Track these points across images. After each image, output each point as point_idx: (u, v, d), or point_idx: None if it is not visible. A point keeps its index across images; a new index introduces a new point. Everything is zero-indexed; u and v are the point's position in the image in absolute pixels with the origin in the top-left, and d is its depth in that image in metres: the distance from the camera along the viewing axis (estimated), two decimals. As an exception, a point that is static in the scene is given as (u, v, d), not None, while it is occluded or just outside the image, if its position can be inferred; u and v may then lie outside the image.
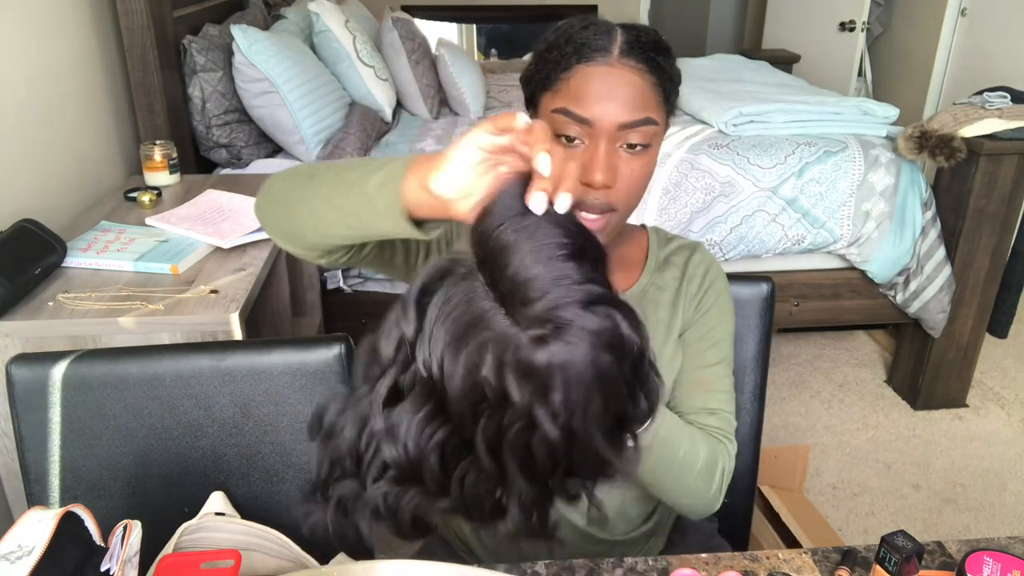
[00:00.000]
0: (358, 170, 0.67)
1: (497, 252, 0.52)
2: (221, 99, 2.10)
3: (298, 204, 0.73)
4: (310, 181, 0.72)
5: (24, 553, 0.60)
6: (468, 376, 0.49)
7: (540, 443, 0.50)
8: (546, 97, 0.83)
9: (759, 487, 1.70)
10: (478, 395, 0.50)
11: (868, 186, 2.16)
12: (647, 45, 0.81)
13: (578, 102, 0.79)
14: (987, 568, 0.70)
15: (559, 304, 0.49)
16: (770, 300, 1.10)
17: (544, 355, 0.48)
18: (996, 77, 2.99)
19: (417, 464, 0.51)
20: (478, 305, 0.51)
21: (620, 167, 0.81)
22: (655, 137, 0.83)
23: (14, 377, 0.89)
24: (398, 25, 2.63)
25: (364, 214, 0.66)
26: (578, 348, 0.48)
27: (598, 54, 0.79)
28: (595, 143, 0.80)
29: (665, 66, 0.82)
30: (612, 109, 0.78)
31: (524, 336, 0.49)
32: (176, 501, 0.92)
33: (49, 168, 1.64)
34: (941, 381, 2.38)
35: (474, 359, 0.49)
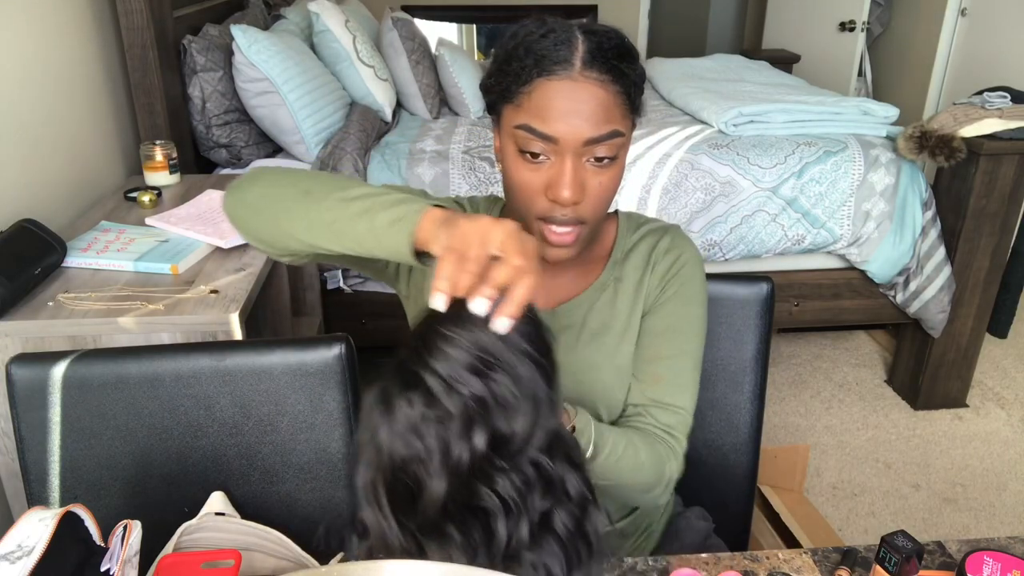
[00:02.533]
0: (362, 201, 0.70)
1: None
2: (221, 99, 2.10)
3: (290, 217, 0.74)
4: (306, 199, 0.74)
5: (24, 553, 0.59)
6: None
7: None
8: (508, 110, 0.81)
9: (759, 487, 1.70)
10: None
11: (868, 186, 2.16)
12: (610, 52, 0.78)
13: (541, 119, 0.77)
14: (987, 568, 0.70)
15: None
16: (770, 300, 1.10)
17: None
18: (996, 77, 2.99)
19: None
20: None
21: (588, 181, 0.79)
22: (622, 148, 0.81)
23: (14, 377, 0.89)
24: (398, 25, 2.63)
25: (367, 243, 0.69)
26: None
27: (559, 67, 0.77)
28: (561, 159, 0.78)
29: (629, 72, 0.79)
30: (577, 125, 0.76)
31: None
32: (176, 501, 0.92)
33: (49, 168, 1.64)
34: (941, 381, 2.38)
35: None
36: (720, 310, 1.09)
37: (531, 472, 0.56)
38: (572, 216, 0.80)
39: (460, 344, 0.55)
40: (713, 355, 1.11)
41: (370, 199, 0.70)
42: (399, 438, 0.55)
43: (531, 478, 0.56)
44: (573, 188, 0.78)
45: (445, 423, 0.54)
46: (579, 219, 0.81)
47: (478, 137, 2.32)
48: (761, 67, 3.21)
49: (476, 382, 0.55)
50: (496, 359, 0.56)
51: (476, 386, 0.55)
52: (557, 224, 0.81)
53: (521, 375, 0.56)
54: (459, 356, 0.55)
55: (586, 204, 0.80)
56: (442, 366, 0.55)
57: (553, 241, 0.82)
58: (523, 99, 0.78)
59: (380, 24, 2.80)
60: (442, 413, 0.54)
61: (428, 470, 0.54)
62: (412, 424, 0.55)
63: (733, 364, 1.11)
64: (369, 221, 0.69)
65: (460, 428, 0.54)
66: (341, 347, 0.94)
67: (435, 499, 0.54)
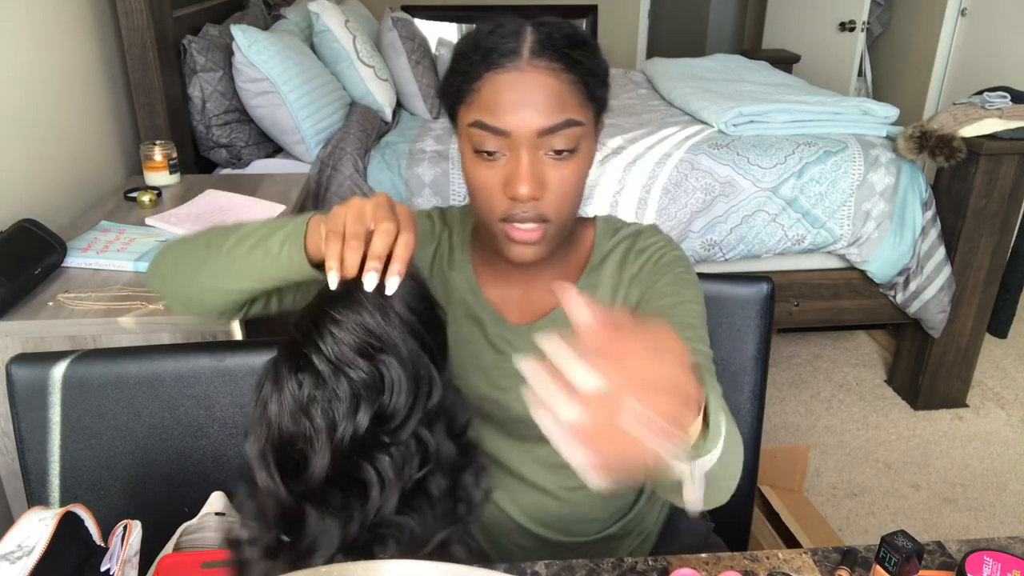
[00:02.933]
0: (255, 234, 0.75)
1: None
2: (221, 99, 2.10)
3: (198, 273, 0.79)
4: (207, 251, 0.78)
5: (24, 553, 0.60)
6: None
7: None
8: (461, 111, 0.79)
9: (759, 487, 1.70)
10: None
11: (868, 186, 2.16)
12: (560, 41, 0.76)
13: (491, 113, 0.75)
14: (987, 568, 0.70)
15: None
16: (770, 300, 1.10)
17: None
18: (996, 77, 2.99)
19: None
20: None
21: (547, 175, 0.77)
22: (582, 139, 0.78)
23: (14, 377, 0.89)
24: (398, 25, 2.63)
25: (269, 270, 0.73)
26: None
27: (506, 59, 0.75)
28: (516, 154, 0.76)
29: (584, 60, 0.77)
30: (528, 116, 0.74)
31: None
32: (176, 501, 0.92)
33: (49, 168, 1.64)
34: (941, 381, 2.38)
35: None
36: (720, 310, 1.09)
37: (412, 444, 0.61)
38: (533, 213, 0.78)
39: (347, 327, 0.59)
40: (713, 355, 1.11)
41: (261, 230, 0.75)
42: (288, 415, 0.59)
43: (410, 450, 0.61)
44: (530, 182, 0.75)
45: (332, 404, 0.58)
46: (542, 216, 0.78)
47: (478, 137, 2.31)
48: (761, 67, 3.21)
49: (363, 364, 0.59)
50: (381, 341, 0.60)
51: (363, 368, 0.59)
52: (518, 222, 0.78)
53: (404, 355, 0.60)
54: (346, 339, 0.59)
55: (548, 200, 0.78)
56: (331, 349, 0.59)
57: (516, 238, 0.79)
58: (474, 96, 0.77)
59: (380, 24, 2.80)
60: (329, 394, 0.58)
61: (314, 447, 0.58)
62: (301, 404, 0.59)
63: (733, 364, 1.11)
64: (264, 249, 0.73)
65: (346, 408, 0.58)
66: (341, 347, 0.94)
67: (319, 472, 0.58)
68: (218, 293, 0.79)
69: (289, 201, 1.70)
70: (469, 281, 0.91)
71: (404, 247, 0.62)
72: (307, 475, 0.58)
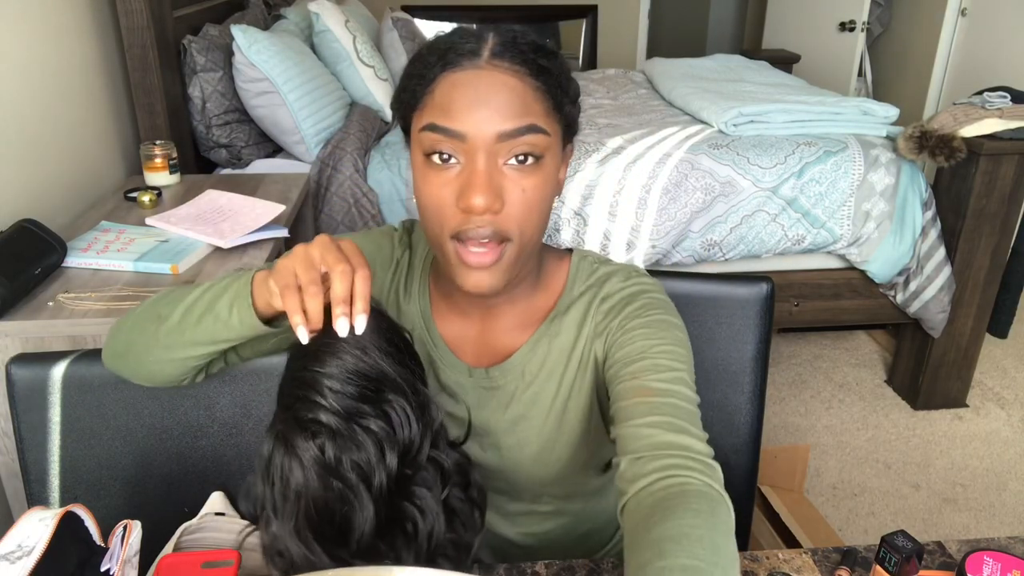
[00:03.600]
0: (200, 301, 0.73)
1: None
2: (221, 99, 2.10)
3: (151, 349, 0.76)
4: (158, 323, 0.75)
5: (24, 553, 0.59)
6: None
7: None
8: (414, 118, 0.71)
9: (759, 487, 1.70)
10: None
11: (868, 186, 2.16)
12: (524, 45, 0.69)
13: (445, 114, 0.67)
14: (987, 568, 0.70)
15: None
16: (770, 300, 1.10)
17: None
18: (996, 77, 2.99)
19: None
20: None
21: (507, 187, 0.68)
22: (547, 149, 0.69)
23: (14, 377, 0.89)
24: (398, 25, 2.63)
25: (222, 334, 0.72)
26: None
27: (464, 58, 0.68)
28: (471, 160, 0.67)
29: (552, 68, 0.70)
30: (485, 116, 0.66)
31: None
32: (176, 501, 0.92)
33: (49, 168, 1.64)
34: (941, 381, 2.38)
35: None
36: (720, 310, 1.09)
37: (429, 467, 0.61)
38: (490, 229, 0.68)
39: (340, 378, 0.59)
40: (713, 355, 1.11)
41: (207, 295, 0.72)
42: (318, 482, 0.57)
43: (431, 472, 0.61)
44: (487, 191, 0.66)
45: (359, 455, 0.57)
46: (500, 233, 0.69)
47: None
48: (761, 67, 3.21)
49: (369, 408, 0.58)
50: (376, 380, 0.60)
51: (371, 411, 0.58)
52: (472, 241, 0.69)
53: (400, 386, 0.61)
54: (345, 389, 0.59)
55: (507, 215, 0.68)
56: (335, 404, 0.58)
57: (470, 262, 0.70)
58: (427, 99, 0.69)
59: (380, 24, 2.80)
60: (352, 447, 0.57)
61: (355, 504, 0.57)
62: (329, 467, 0.57)
63: (733, 364, 1.11)
64: (213, 316, 0.71)
65: (374, 455, 0.58)
66: (341, 347, 0.94)
67: (368, 527, 0.57)
68: (175, 363, 0.76)
69: (289, 201, 1.70)
70: (424, 314, 0.84)
71: (363, 283, 0.61)
72: (354, 535, 0.57)
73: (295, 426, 0.59)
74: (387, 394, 0.59)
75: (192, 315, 0.72)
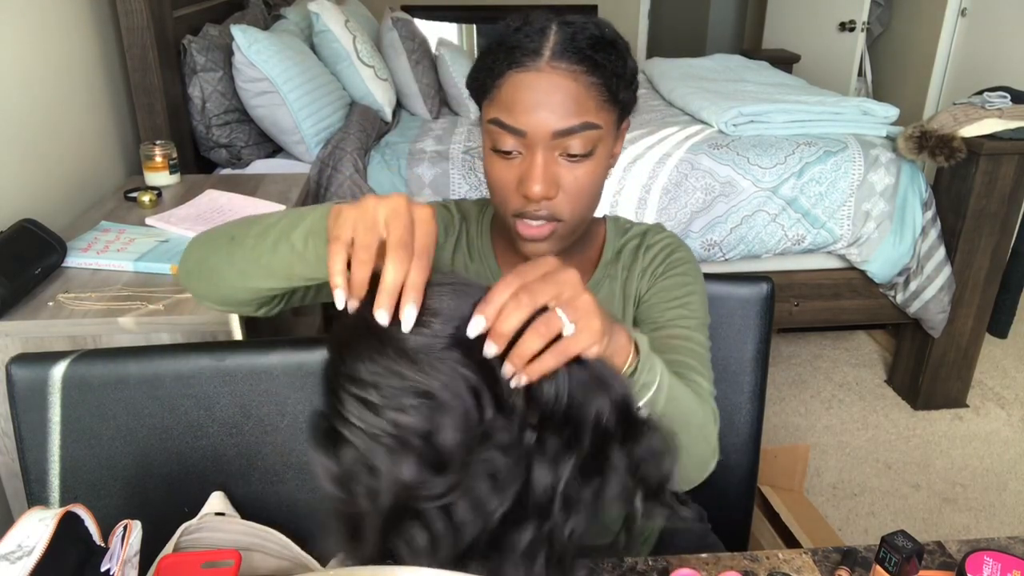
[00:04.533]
0: (277, 227, 0.69)
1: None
2: (221, 99, 2.10)
3: (223, 270, 0.74)
4: (231, 246, 0.73)
5: (24, 553, 0.59)
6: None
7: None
8: (485, 106, 0.80)
9: (759, 487, 1.70)
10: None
11: (868, 186, 2.16)
12: (583, 42, 0.76)
13: (509, 112, 0.76)
14: (987, 568, 0.70)
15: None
16: (770, 300, 1.10)
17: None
18: (996, 77, 2.99)
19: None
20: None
21: (561, 176, 0.78)
22: (599, 142, 0.79)
23: (14, 377, 0.89)
24: (398, 25, 2.63)
25: (296, 267, 0.68)
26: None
27: (528, 58, 0.76)
28: (531, 153, 0.77)
29: (606, 63, 0.77)
30: (544, 117, 0.75)
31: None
32: (176, 501, 0.92)
33: (49, 168, 1.64)
34: (941, 381, 2.38)
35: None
36: (720, 310, 1.09)
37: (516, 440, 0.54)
38: (546, 212, 0.79)
39: (461, 361, 0.51)
40: (713, 355, 1.11)
41: (284, 223, 0.68)
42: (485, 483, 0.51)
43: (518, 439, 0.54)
44: (543, 183, 0.76)
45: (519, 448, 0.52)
46: (554, 215, 0.80)
47: (478, 137, 2.32)
48: (761, 67, 3.21)
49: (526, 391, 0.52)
50: (485, 359, 0.52)
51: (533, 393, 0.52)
52: (531, 219, 0.80)
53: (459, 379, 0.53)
54: (491, 370, 0.52)
55: (561, 201, 0.79)
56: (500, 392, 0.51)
57: (525, 235, 0.81)
58: (495, 93, 0.78)
59: (380, 24, 2.80)
60: (513, 438, 0.51)
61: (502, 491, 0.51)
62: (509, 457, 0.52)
63: (733, 364, 1.11)
64: (287, 244, 0.67)
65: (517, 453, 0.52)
66: (341, 347, 0.94)
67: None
68: (248, 291, 0.75)
69: (289, 201, 1.71)
70: (491, 270, 0.93)
71: (419, 274, 0.53)
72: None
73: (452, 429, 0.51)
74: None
75: (267, 241, 0.69)
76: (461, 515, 0.51)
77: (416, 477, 0.50)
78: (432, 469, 0.51)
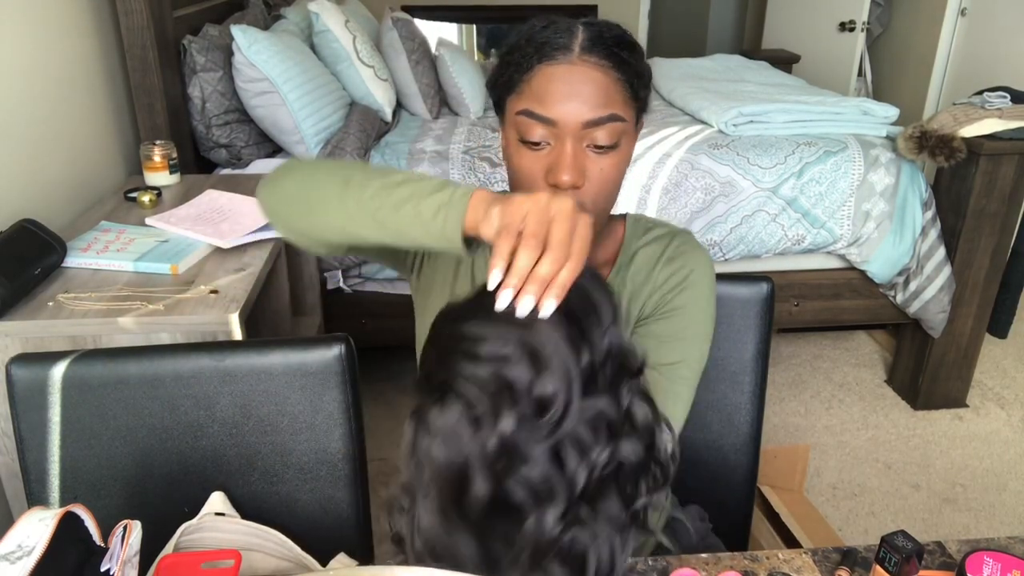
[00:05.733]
0: (405, 187, 0.69)
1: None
2: (221, 99, 2.10)
3: (328, 208, 0.74)
4: (347, 188, 0.73)
5: (24, 553, 0.59)
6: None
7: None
8: (510, 100, 0.82)
9: (759, 487, 1.70)
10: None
11: (868, 186, 2.16)
12: (609, 40, 0.79)
13: (540, 102, 0.78)
14: (987, 568, 0.70)
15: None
16: (770, 300, 1.10)
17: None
18: (996, 77, 2.99)
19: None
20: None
21: (588, 166, 0.80)
22: (624, 135, 0.81)
23: (14, 377, 0.89)
24: (398, 25, 2.63)
25: (412, 231, 0.69)
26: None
27: (559, 52, 0.78)
28: (561, 143, 0.79)
29: (631, 61, 0.80)
30: (575, 107, 0.78)
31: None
32: (176, 501, 0.92)
33: (49, 168, 1.64)
34: (941, 381, 2.38)
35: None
36: (720, 310, 1.08)
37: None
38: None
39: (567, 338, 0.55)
40: (713, 355, 1.11)
41: (412, 185, 0.69)
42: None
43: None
44: (573, 171, 0.78)
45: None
46: (580, 205, 0.79)
47: (478, 137, 2.32)
48: (761, 67, 3.21)
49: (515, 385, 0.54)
50: (591, 333, 0.56)
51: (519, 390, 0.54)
52: None
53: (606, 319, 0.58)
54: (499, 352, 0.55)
55: (587, 190, 0.81)
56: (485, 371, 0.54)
57: None
58: (524, 86, 0.80)
59: (380, 24, 2.80)
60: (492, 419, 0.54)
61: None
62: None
63: (733, 364, 1.11)
64: (414, 208, 0.68)
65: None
66: (341, 347, 0.94)
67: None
68: (344, 235, 0.74)
69: (289, 201, 1.70)
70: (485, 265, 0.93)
71: (569, 274, 0.57)
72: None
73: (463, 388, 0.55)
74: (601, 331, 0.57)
75: (391, 197, 0.70)
76: (568, 460, 0.54)
77: (522, 424, 0.54)
78: (537, 415, 0.54)
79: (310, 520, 0.98)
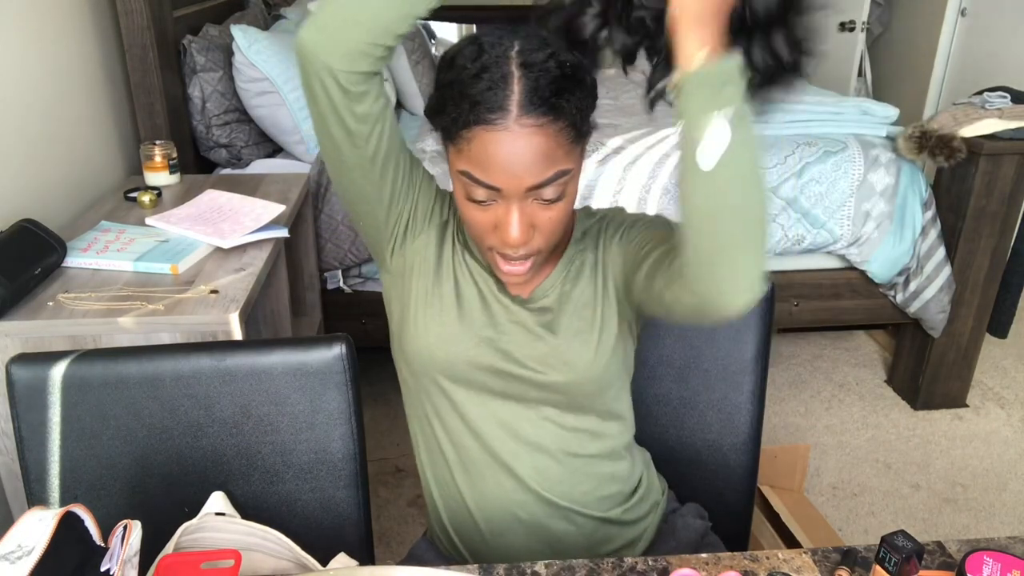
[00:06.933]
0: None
1: None
2: (221, 99, 2.10)
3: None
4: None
5: (24, 553, 0.60)
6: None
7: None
8: (451, 150, 0.80)
9: (759, 487, 1.70)
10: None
11: (868, 186, 2.16)
12: (547, 90, 0.74)
13: (482, 169, 0.76)
14: (987, 568, 0.70)
15: None
16: (770, 300, 1.10)
17: None
18: (996, 77, 2.99)
19: None
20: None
21: (536, 216, 0.80)
22: (571, 181, 0.80)
23: (14, 377, 0.89)
24: (398, 25, 2.63)
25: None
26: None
27: (495, 116, 0.74)
28: (507, 204, 0.78)
29: (571, 102, 0.76)
30: (518, 175, 0.76)
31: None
32: (176, 501, 0.92)
33: (49, 168, 1.64)
34: (941, 381, 2.38)
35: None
36: (720, 310, 1.09)
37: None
38: (524, 252, 0.82)
39: None
40: (713, 355, 1.11)
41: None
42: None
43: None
44: (520, 231, 0.79)
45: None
46: (531, 253, 0.83)
47: (478, 137, 2.32)
48: (761, 67, 3.21)
49: None
50: None
51: None
52: (507, 261, 0.83)
53: None
54: None
55: (537, 238, 0.81)
56: None
57: (506, 271, 0.84)
58: (463, 144, 0.77)
59: (380, 24, 2.80)
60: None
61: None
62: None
63: (733, 364, 1.11)
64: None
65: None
66: (341, 347, 0.94)
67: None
68: (382, 23, 0.77)
69: (289, 201, 1.70)
70: (488, 266, 0.93)
71: None
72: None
73: None
74: None
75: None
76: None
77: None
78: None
79: (310, 520, 0.98)
